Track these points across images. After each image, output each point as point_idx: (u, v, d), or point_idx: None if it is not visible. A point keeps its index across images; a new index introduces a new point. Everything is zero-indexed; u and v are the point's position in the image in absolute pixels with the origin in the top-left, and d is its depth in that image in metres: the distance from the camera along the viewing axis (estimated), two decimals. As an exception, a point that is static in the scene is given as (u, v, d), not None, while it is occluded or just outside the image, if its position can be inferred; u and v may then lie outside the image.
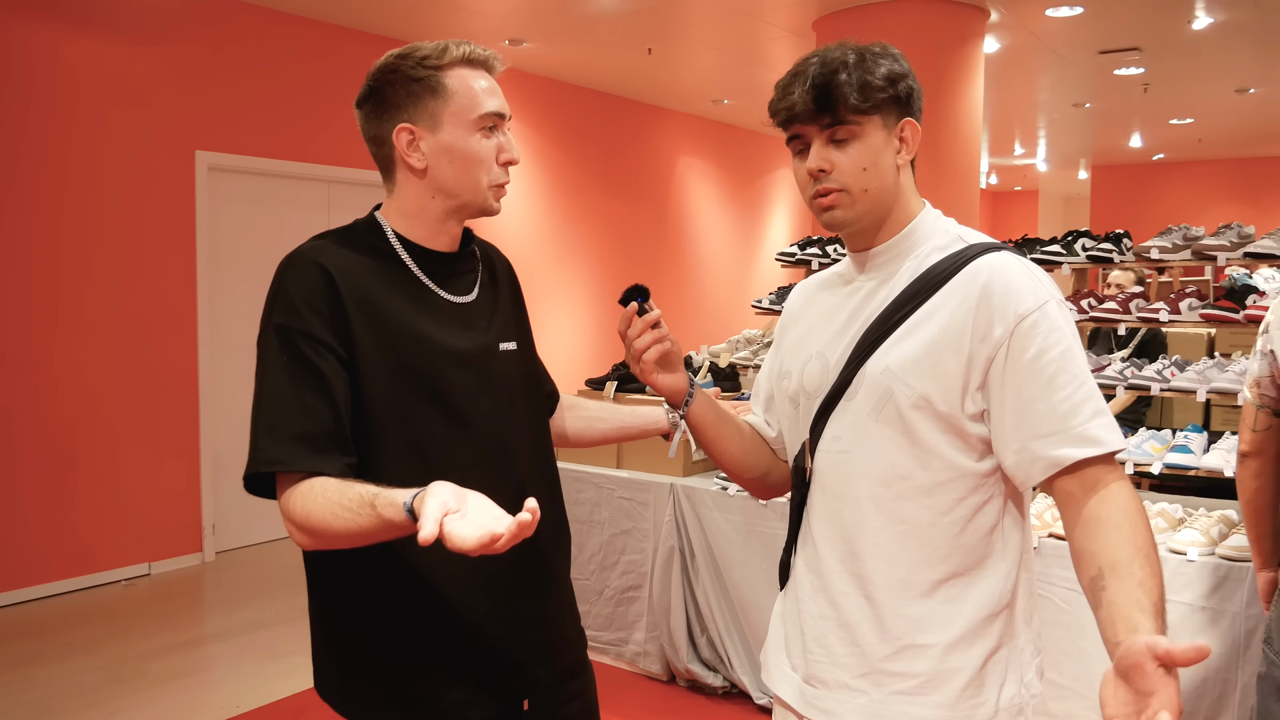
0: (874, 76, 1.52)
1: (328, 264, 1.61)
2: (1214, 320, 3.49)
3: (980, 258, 1.53)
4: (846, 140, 1.55)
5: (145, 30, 6.07)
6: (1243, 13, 7.02)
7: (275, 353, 1.58)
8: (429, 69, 1.66)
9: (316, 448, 1.54)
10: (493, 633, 1.67)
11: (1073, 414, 1.44)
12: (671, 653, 4.20)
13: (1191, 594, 3.05)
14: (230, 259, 6.64)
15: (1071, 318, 1.52)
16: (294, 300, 1.58)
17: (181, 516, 6.36)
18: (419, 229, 1.71)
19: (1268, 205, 14.05)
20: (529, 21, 7.28)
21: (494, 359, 1.74)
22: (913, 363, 1.52)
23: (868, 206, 1.58)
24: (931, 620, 1.54)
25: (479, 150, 1.67)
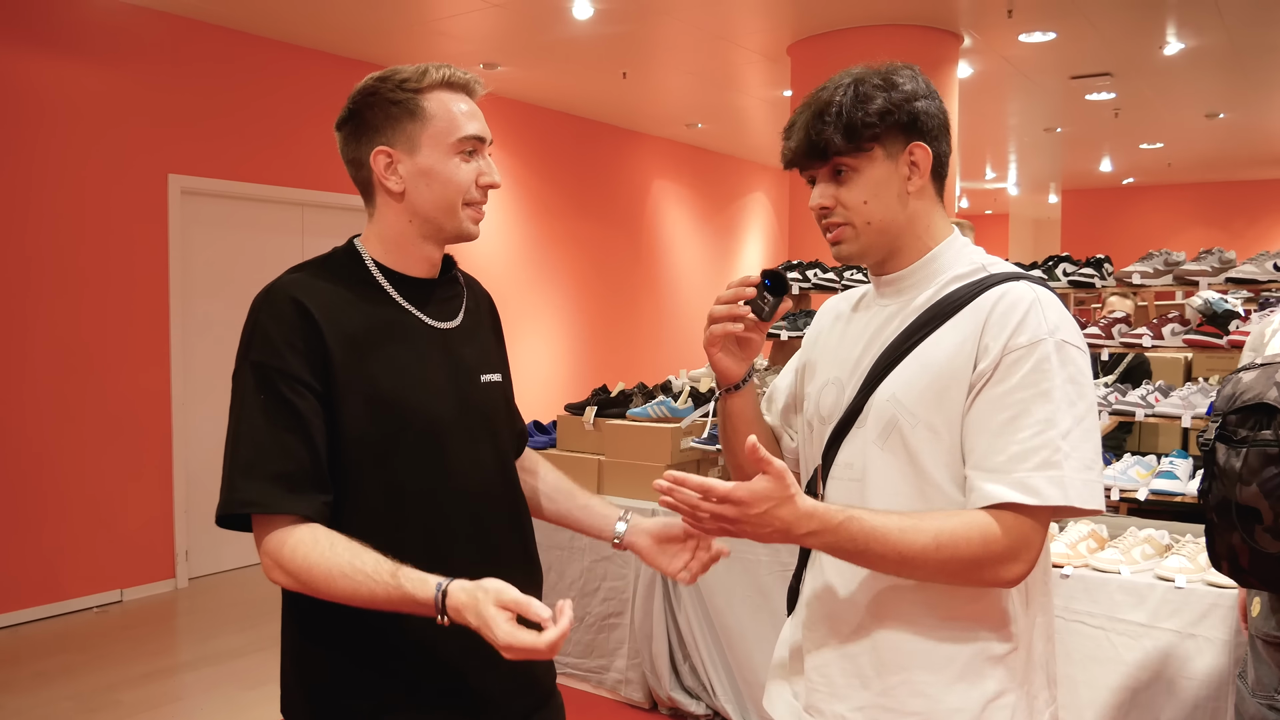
0: (864, 113, 1.51)
1: (304, 298, 1.58)
2: (1197, 346, 3.50)
3: (995, 287, 1.50)
4: (845, 175, 1.56)
5: (116, 53, 6.01)
6: (1213, 39, 7.10)
7: (252, 391, 1.55)
8: (408, 92, 1.65)
9: (293, 487, 1.52)
10: (460, 665, 1.63)
11: (1021, 458, 1.41)
12: (653, 680, 4.14)
13: (1179, 621, 3.03)
14: (203, 282, 6.57)
15: (1080, 359, 1.47)
16: (271, 337, 1.56)
17: (154, 542, 6.25)
18: (396, 255, 1.69)
19: (1238, 229, 14.21)
20: (504, 45, 7.26)
21: (474, 388, 1.72)
22: (918, 392, 1.50)
23: (873, 239, 1.58)
24: (932, 658, 1.51)
25: (456, 174, 1.65)
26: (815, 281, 4.60)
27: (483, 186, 1.68)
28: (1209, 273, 3.56)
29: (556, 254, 9.43)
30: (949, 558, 1.40)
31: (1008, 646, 1.51)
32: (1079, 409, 1.44)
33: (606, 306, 9.97)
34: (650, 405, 4.47)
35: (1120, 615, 3.12)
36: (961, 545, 1.40)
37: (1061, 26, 6.77)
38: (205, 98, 6.45)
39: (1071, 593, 3.20)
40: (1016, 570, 1.43)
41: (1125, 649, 3.10)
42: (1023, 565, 1.43)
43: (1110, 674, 3.12)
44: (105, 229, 5.98)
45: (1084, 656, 3.17)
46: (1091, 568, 3.23)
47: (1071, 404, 1.43)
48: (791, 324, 4.49)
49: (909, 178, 1.55)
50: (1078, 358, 1.46)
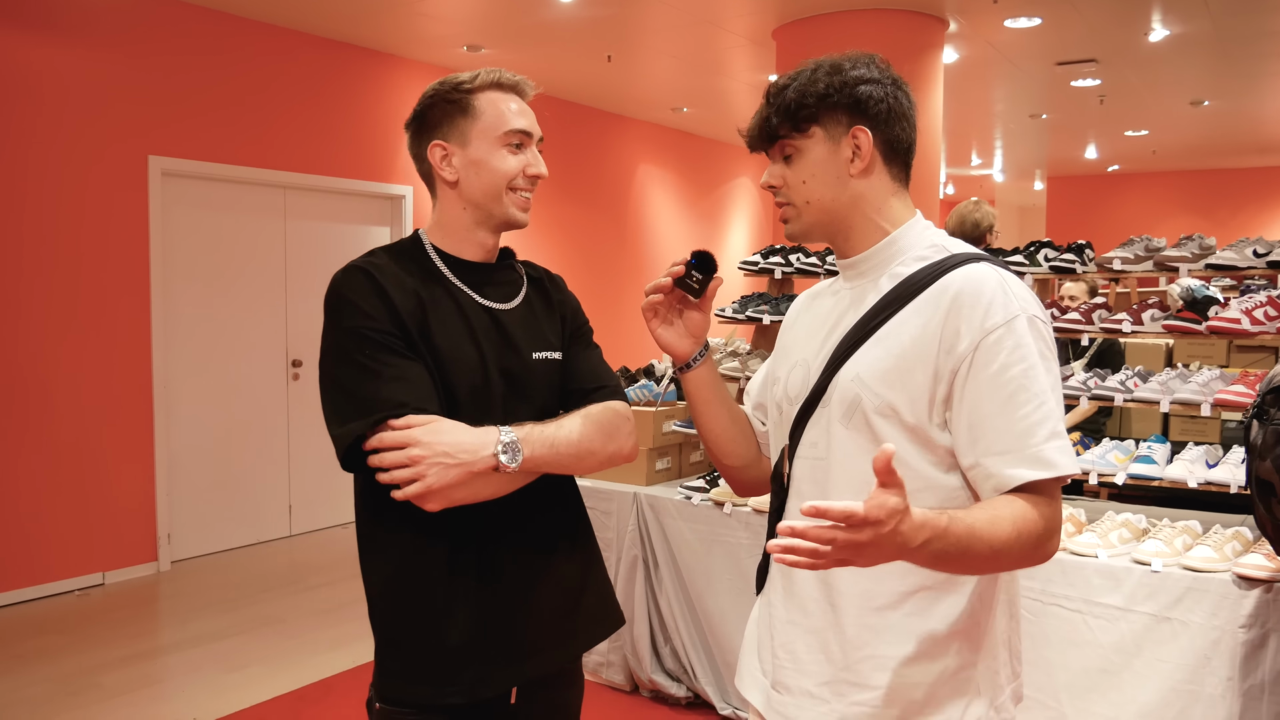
0: (802, 96, 1.58)
1: (374, 273, 1.74)
2: (1176, 332, 3.51)
3: (957, 269, 1.53)
4: (792, 157, 1.63)
5: (97, 34, 5.96)
6: (1198, 26, 7.12)
7: (352, 352, 1.69)
8: (462, 92, 1.82)
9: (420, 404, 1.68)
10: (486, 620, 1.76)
11: (1029, 434, 1.43)
12: (635, 663, 4.16)
13: (1155, 605, 3.05)
14: (184, 264, 6.55)
15: (1047, 333, 1.51)
16: (357, 305, 1.71)
17: (136, 525, 6.24)
18: (452, 239, 1.86)
19: (1221, 217, 14.26)
20: (487, 27, 7.23)
21: (524, 363, 1.84)
22: (881, 372, 1.52)
23: (815, 218, 1.64)
24: (894, 632, 1.53)
25: (503, 164, 1.82)
26: (798, 266, 4.60)
27: (529, 176, 1.85)
28: (1189, 259, 3.57)
29: (540, 238, 9.41)
30: (1026, 544, 1.40)
31: (971, 620, 1.54)
32: (1053, 376, 1.49)
33: (591, 291, 9.95)
34: (632, 389, 4.48)
35: (1097, 598, 3.14)
36: (1031, 530, 1.41)
37: (1047, 12, 6.77)
38: (186, 79, 6.41)
39: (1049, 576, 3.22)
40: (1055, 545, 1.46)
41: (1102, 632, 3.13)
42: (1059, 539, 1.47)
43: (1086, 657, 3.15)
44: (85, 210, 5.95)
45: (1061, 639, 3.19)
46: (1069, 551, 3.25)
47: (1049, 373, 1.48)
48: (774, 308, 4.49)
49: (851, 159, 1.59)
50: (1045, 330, 1.50)
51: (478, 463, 1.63)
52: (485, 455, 1.64)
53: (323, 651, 4.86)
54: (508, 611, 1.77)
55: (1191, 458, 3.40)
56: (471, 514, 1.71)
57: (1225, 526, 3.29)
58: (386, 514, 1.71)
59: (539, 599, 1.82)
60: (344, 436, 1.66)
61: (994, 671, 1.57)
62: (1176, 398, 3.41)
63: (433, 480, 1.60)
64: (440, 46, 7.62)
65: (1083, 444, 3.73)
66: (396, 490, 1.62)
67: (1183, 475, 3.33)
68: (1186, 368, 3.81)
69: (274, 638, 5.10)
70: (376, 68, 7.62)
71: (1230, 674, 2.91)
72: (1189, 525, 3.29)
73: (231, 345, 6.85)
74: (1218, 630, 2.95)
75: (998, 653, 1.58)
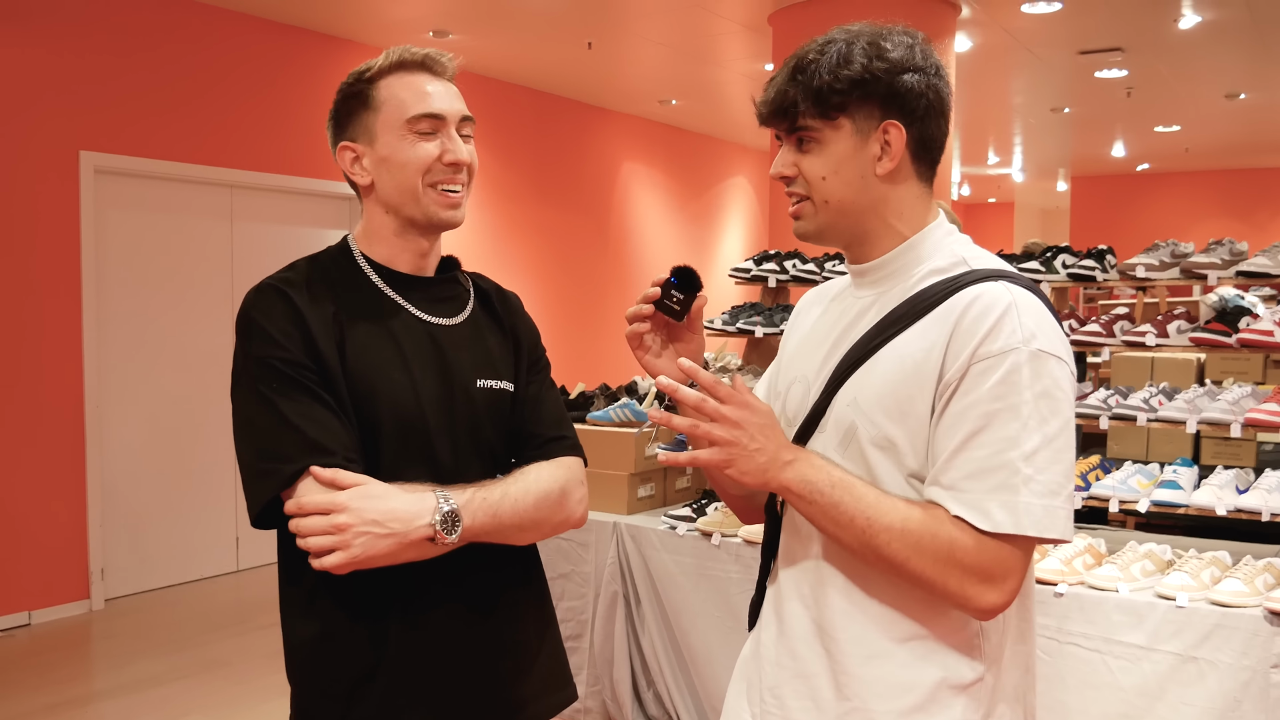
0: (835, 78, 1.51)
1: (289, 290, 1.70)
2: (1204, 345, 3.55)
3: (970, 287, 1.49)
4: (809, 145, 1.57)
5: (22, 18, 5.97)
6: (1233, 12, 7.18)
7: (259, 383, 1.65)
8: (364, 83, 1.76)
9: (326, 451, 1.63)
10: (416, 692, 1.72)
11: (977, 478, 1.42)
12: (615, 708, 4.17)
13: (1180, 643, 3.07)
14: (120, 270, 6.55)
15: (1059, 373, 1.45)
16: (266, 330, 1.67)
17: (66, 559, 6.22)
18: (380, 249, 1.81)
19: (1260, 220, 14.37)
20: (455, 11, 7.27)
21: (465, 390, 1.79)
22: (879, 398, 1.51)
23: (830, 219, 1.59)
24: (888, 685, 1.52)
25: (411, 154, 1.74)
26: (794, 274, 4.64)
27: (448, 165, 1.75)
28: (1219, 265, 3.61)
29: (514, 243, 9.43)
30: (914, 545, 1.41)
31: (973, 675, 1.52)
32: (1051, 427, 1.42)
33: (569, 301, 9.98)
34: (613, 409, 4.50)
35: (1117, 637, 3.17)
36: (929, 538, 1.41)
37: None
38: (123, 68, 6.42)
39: (1066, 612, 3.25)
40: (991, 598, 1.43)
41: (1123, 673, 3.15)
42: (999, 594, 1.43)
43: (1106, 700, 3.17)
44: (9, 211, 5.95)
45: (1079, 681, 3.21)
46: (1087, 585, 3.28)
47: (1043, 421, 1.42)
48: (767, 320, 4.52)
49: (879, 158, 1.54)
50: (1055, 369, 1.44)
51: (411, 533, 1.58)
52: (420, 525, 1.59)
53: (272, 698, 4.86)
54: (447, 680, 1.74)
55: (1220, 483, 3.44)
56: (413, 570, 1.66)
57: (1257, 558, 3.32)
58: (309, 574, 1.64)
59: (485, 666, 1.78)
60: (258, 495, 1.63)
61: None
62: (1204, 417, 3.44)
63: (358, 552, 1.55)
64: (404, 32, 7.65)
65: (1103, 468, 3.76)
66: (314, 559, 1.57)
67: (1210, 502, 3.36)
68: (1217, 384, 3.85)
69: (218, 683, 5.10)
70: (333, 55, 7.65)
71: (1262, 718, 2.94)
72: (1217, 556, 3.32)
73: (172, 360, 6.85)
74: (1248, 671, 2.98)
75: (1008, 712, 1.56)
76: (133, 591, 6.60)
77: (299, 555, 1.62)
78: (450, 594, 1.75)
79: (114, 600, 6.46)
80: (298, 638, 1.76)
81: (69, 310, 6.23)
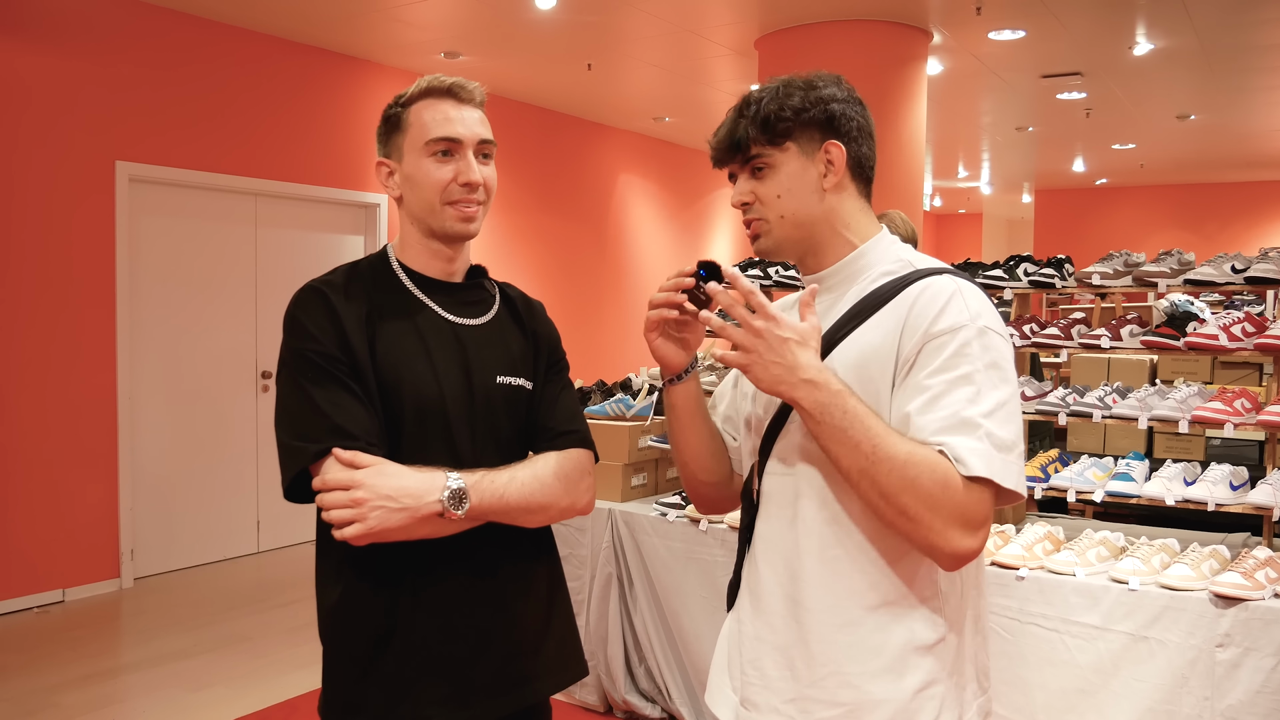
0: (779, 107, 1.61)
1: (326, 290, 1.77)
2: (1155, 347, 3.56)
3: (922, 279, 1.57)
4: (763, 171, 1.65)
5: (63, 36, 5.97)
6: (1183, 39, 7.21)
7: (297, 373, 1.71)
8: (399, 107, 1.84)
9: (351, 435, 1.68)
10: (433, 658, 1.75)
11: (944, 432, 1.45)
12: (609, 683, 4.17)
13: (1133, 624, 3.09)
14: (152, 272, 6.55)
15: (1002, 347, 1.52)
16: (305, 326, 1.73)
17: (98, 540, 6.22)
18: (411, 255, 1.87)
19: (1210, 231, 14.41)
20: (465, 34, 7.26)
21: (487, 386, 1.83)
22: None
23: (787, 232, 1.66)
24: (858, 649, 1.56)
25: (430, 175, 1.79)
26: (776, 279, 4.64)
27: (464, 185, 1.80)
28: (1168, 274, 3.62)
29: (518, 248, 9.43)
30: (912, 480, 1.42)
31: (936, 636, 1.56)
32: (1001, 393, 1.48)
33: (569, 302, 9.97)
34: (608, 403, 4.50)
35: (1074, 617, 3.18)
36: (926, 475, 1.42)
37: (1031, 25, 6.85)
38: (156, 84, 6.42)
39: (1027, 595, 3.26)
40: (969, 543, 1.44)
41: (1079, 651, 3.16)
42: (977, 541, 1.45)
43: (1064, 676, 3.18)
44: (49, 217, 5.94)
45: (1038, 659, 3.23)
46: (1047, 570, 3.29)
47: (994, 387, 1.48)
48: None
49: (824, 174, 1.63)
50: (999, 344, 1.51)
51: (421, 508, 1.62)
52: (429, 501, 1.63)
53: (289, 671, 4.86)
54: (459, 650, 1.76)
55: (1170, 475, 3.45)
56: (429, 546, 1.71)
57: (1203, 545, 3.33)
58: (342, 545, 1.68)
59: (495, 639, 1.80)
60: (288, 469, 1.68)
61: (960, 688, 1.59)
62: (1154, 414, 3.45)
63: (373, 524, 1.60)
64: (418, 53, 7.65)
65: (1061, 461, 3.77)
66: (336, 530, 1.62)
67: (1160, 493, 3.38)
68: (1168, 384, 3.86)
69: (239, 657, 5.09)
70: (352, 74, 7.65)
71: (1207, 694, 2.95)
72: (1167, 544, 3.33)
73: (199, 356, 6.85)
74: (1195, 649, 2.99)
75: (965, 669, 1.60)
76: (160, 571, 6.60)
77: (328, 528, 1.67)
78: (464, 569, 1.77)
79: (143, 579, 6.46)
80: (327, 603, 1.81)
81: (104, 308, 6.22)
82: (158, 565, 6.59)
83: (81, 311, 6.11)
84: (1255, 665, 2.91)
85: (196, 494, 6.83)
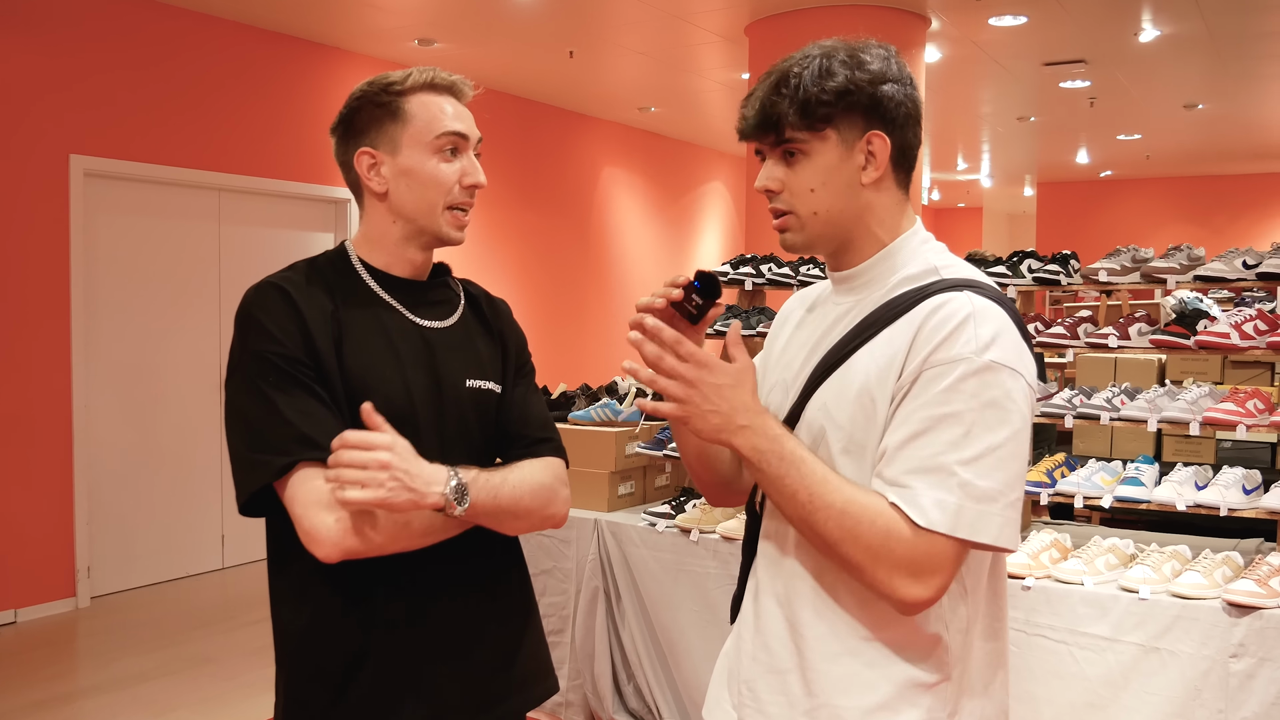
0: (821, 89, 1.50)
1: (288, 288, 1.74)
2: (1164, 346, 3.59)
3: (938, 295, 1.49)
4: (796, 158, 1.55)
5: (10, 19, 5.94)
6: (1190, 26, 7.26)
7: (255, 378, 1.68)
8: (392, 95, 1.79)
9: (316, 444, 1.64)
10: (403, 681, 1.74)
11: (915, 475, 1.42)
12: (596, 702, 4.18)
13: (1143, 634, 3.11)
14: (109, 272, 6.52)
15: (1007, 384, 1.43)
16: (265, 326, 1.70)
17: (52, 557, 6.18)
18: (380, 254, 1.84)
19: (1218, 224, 14.50)
20: (440, 20, 7.27)
21: (454, 389, 1.83)
22: (846, 403, 1.52)
23: (820, 230, 1.58)
24: (853, 683, 1.53)
25: (436, 173, 1.79)
26: (770, 277, 4.66)
27: (466, 186, 1.81)
28: (1177, 270, 3.65)
29: (497, 245, 9.43)
30: (850, 530, 1.41)
31: (938, 675, 1.52)
32: (996, 436, 1.42)
33: (551, 302, 9.99)
34: (594, 408, 4.51)
35: (1083, 628, 3.21)
36: (865, 525, 1.41)
37: (1033, 10, 6.90)
38: (113, 73, 6.40)
39: (1033, 605, 3.28)
40: (917, 592, 1.41)
41: (1088, 663, 3.19)
42: (924, 589, 1.41)
43: (1073, 690, 3.21)
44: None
45: (1046, 672, 3.25)
46: (1054, 579, 3.32)
47: (988, 429, 1.41)
48: (745, 322, 4.54)
49: (864, 167, 1.54)
50: (1007, 381, 1.43)
51: (428, 495, 1.59)
52: (435, 491, 1.60)
53: (257, 694, 4.84)
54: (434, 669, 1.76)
55: (1180, 479, 3.48)
56: (400, 561, 1.69)
57: (1215, 551, 3.36)
58: (299, 563, 1.67)
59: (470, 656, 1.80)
60: (247, 484, 1.65)
61: None
62: (1164, 416, 3.48)
63: (385, 494, 1.55)
64: (390, 40, 7.65)
65: (1068, 465, 3.80)
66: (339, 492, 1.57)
67: (1171, 498, 3.40)
68: (1177, 385, 3.89)
69: (204, 679, 5.08)
70: (320, 62, 7.64)
71: (1221, 706, 2.98)
72: (1178, 550, 3.36)
73: (160, 361, 6.82)
74: (1208, 660, 3.02)
75: (976, 709, 1.57)
76: (118, 589, 6.57)
77: (288, 546, 1.66)
78: (437, 584, 1.77)
79: (100, 598, 6.43)
80: (288, 625, 1.78)
81: (58, 310, 6.19)
82: (116, 583, 6.55)
83: (33, 314, 6.08)
84: (1270, 676, 2.94)
85: (157, 507, 6.80)
